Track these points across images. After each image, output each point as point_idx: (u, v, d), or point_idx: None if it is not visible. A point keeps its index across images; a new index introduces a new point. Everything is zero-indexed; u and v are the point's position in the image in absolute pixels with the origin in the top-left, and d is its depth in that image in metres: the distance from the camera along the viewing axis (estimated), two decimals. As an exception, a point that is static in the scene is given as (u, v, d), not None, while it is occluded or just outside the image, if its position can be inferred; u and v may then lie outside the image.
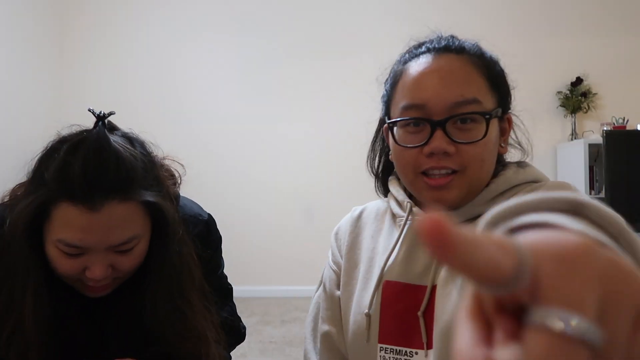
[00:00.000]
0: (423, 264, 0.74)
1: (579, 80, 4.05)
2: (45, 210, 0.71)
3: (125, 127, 0.82)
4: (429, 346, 0.71)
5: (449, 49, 0.74)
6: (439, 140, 0.69)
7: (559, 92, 4.11)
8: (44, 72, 4.08)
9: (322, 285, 0.91)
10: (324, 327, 0.86)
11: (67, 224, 0.70)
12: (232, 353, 1.01)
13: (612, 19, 4.18)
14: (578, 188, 0.73)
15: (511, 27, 4.18)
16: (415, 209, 0.79)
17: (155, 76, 4.26)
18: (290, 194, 4.13)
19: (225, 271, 1.06)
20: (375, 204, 0.91)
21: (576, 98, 4.03)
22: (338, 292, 0.86)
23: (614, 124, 3.86)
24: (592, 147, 3.73)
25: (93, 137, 0.72)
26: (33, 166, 0.76)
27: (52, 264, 0.74)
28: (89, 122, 0.80)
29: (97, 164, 0.70)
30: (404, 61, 0.78)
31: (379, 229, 0.85)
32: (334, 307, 0.86)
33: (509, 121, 0.78)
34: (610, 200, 3.30)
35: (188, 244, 0.84)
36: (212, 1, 4.28)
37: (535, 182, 0.75)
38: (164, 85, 4.25)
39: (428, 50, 0.75)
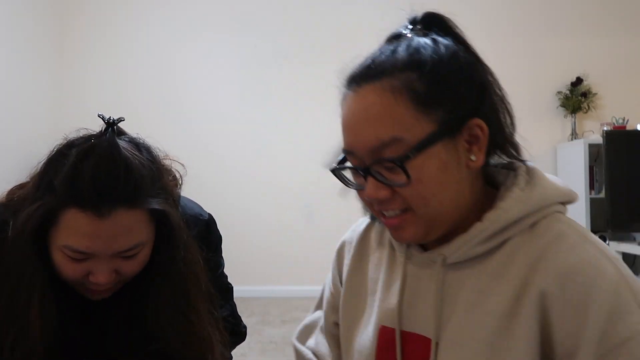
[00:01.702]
0: (426, 310, 0.67)
1: (579, 80, 4.05)
2: (52, 216, 0.71)
3: (130, 130, 0.81)
4: None
5: (367, 77, 0.65)
6: (369, 189, 0.64)
7: (559, 92, 4.11)
8: (44, 72, 4.08)
9: (321, 304, 0.88)
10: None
11: (75, 230, 0.70)
12: (232, 353, 1.01)
13: (612, 19, 4.18)
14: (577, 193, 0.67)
15: (511, 27, 4.18)
16: (412, 247, 0.72)
17: (155, 76, 4.26)
18: (290, 194, 4.13)
19: (226, 271, 1.06)
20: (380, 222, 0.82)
21: (576, 98, 4.03)
22: (333, 318, 0.84)
23: (614, 124, 3.86)
24: (592, 147, 3.73)
25: (103, 145, 0.72)
26: (39, 170, 0.76)
27: (57, 268, 0.74)
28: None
29: (108, 172, 0.70)
30: (344, 86, 0.71)
31: (381, 258, 0.78)
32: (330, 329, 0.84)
33: (480, 127, 0.63)
34: (610, 200, 3.30)
35: (194, 248, 0.84)
36: (212, 1, 4.28)
37: (546, 208, 0.64)
38: (164, 85, 4.26)
39: (351, 82, 0.68)
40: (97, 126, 0.78)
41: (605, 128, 3.70)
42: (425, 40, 0.65)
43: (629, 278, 0.58)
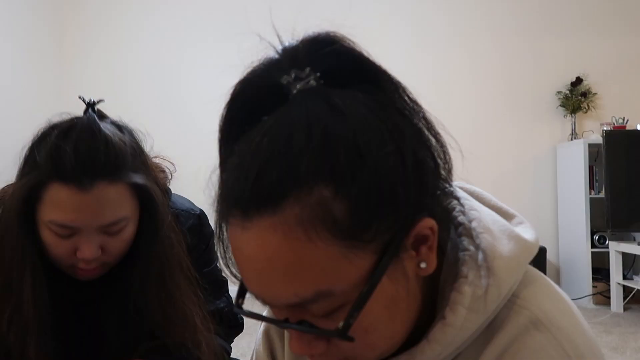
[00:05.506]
0: None
1: (579, 80, 4.05)
2: (37, 192, 0.74)
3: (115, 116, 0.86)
4: None
5: (258, 205, 0.40)
6: (295, 344, 0.47)
7: (559, 92, 4.11)
8: (44, 72, 4.08)
9: None
10: None
11: (59, 204, 0.73)
12: (231, 352, 1.01)
13: (612, 19, 4.18)
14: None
15: (511, 27, 4.18)
16: None
17: (155, 75, 4.27)
18: (290, 194, 4.14)
19: (226, 271, 1.07)
20: None
21: (576, 98, 4.04)
22: None
23: (614, 124, 3.86)
24: (592, 147, 3.73)
25: (84, 122, 0.76)
26: (25, 154, 0.79)
27: (45, 246, 0.77)
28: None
29: (88, 147, 0.73)
30: (225, 208, 0.47)
31: None
32: None
33: (429, 227, 0.44)
34: (610, 200, 3.31)
35: (177, 232, 0.86)
36: (213, 0, 4.29)
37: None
38: (164, 85, 4.26)
39: (233, 205, 0.42)
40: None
41: (605, 128, 3.71)
42: (318, 112, 0.41)
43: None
